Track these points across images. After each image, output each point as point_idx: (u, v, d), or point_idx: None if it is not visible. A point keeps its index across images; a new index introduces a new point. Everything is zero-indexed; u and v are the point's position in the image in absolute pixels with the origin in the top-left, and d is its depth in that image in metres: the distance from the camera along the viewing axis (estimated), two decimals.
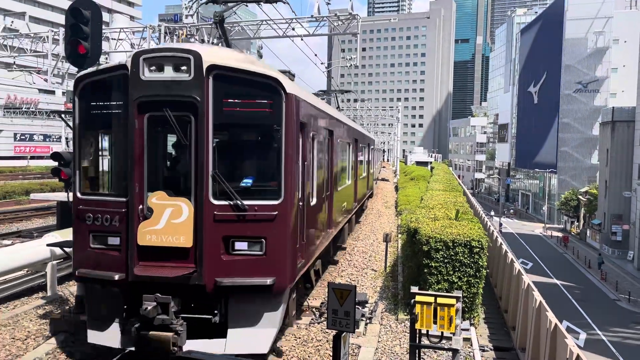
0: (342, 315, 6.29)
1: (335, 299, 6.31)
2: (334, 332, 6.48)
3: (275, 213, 7.94)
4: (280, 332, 10.56)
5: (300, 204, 9.17)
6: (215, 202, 7.82)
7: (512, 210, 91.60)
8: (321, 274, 13.88)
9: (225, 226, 7.79)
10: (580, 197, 68.15)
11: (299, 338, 10.45)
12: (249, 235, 7.92)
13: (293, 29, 21.95)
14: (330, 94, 23.84)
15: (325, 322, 11.05)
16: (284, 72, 9.62)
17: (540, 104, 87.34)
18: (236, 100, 7.88)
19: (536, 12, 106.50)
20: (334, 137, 13.02)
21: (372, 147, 28.68)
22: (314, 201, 10.77)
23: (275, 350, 9.09)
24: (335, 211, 13.64)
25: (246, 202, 7.80)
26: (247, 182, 8.21)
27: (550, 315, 9.27)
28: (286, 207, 8.11)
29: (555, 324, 8.86)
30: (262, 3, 11.65)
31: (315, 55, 27.20)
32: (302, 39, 22.82)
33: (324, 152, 12.11)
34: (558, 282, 43.75)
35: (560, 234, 66.99)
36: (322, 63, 30.55)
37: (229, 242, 7.89)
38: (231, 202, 7.82)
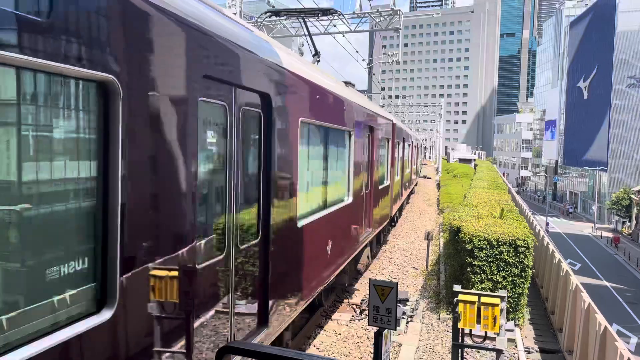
0: (384, 312, 6.26)
1: (376, 295, 6.28)
2: (375, 329, 6.46)
3: None
4: (320, 328, 10.62)
5: None
6: None
7: (570, 210, 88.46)
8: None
9: None
10: (632, 196, 65.44)
11: (340, 334, 10.47)
12: None
13: (335, 25, 21.91)
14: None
15: (365, 319, 11.04)
16: None
17: (590, 99, 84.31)
18: None
19: (586, 5, 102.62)
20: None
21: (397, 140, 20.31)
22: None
23: None
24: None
25: None
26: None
27: (600, 317, 8.97)
28: None
29: (605, 327, 8.56)
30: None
31: (357, 51, 27.10)
32: (343, 36, 22.79)
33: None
34: (608, 284, 42.17)
35: (610, 235, 64.55)
36: (363, 59, 30.39)
37: None
38: None
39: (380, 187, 14.50)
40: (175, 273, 3.88)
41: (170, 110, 3.64)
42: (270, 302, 5.74)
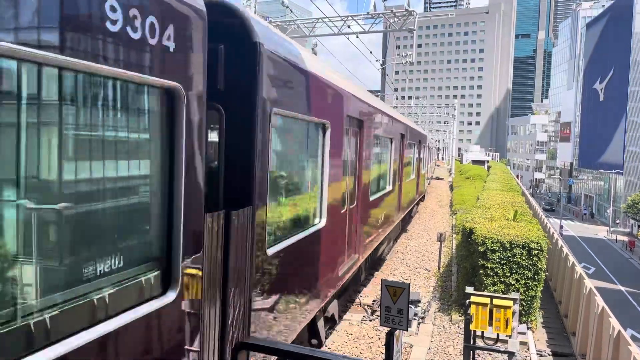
0: (395, 312, 6.27)
1: (388, 296, 6.30)
2: (387, 329, 6.48)
3: None
4: (332, 328, 10.65)
5: None
6: None
7: (585, 212, 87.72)
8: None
9: None
10: None
11: (351, 334, 10.50)
12: None
13: (349, 26, 21.89)
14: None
15: (376, 320, 11.06)
16: None
17: (606, 101, 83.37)
18: None
19: (603, 6, 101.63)
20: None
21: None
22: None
23: None
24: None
25: None
26: None
27: (614, 321, 8.90)
28: None
29: (619, 331, 8.50)
30: None
31: (371, 52, 27.07)
32: (357, 37, 22.76)
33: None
34: (622, 288, 41.70)
35: (626, 238, 63.72)
36: (377, 60, 30.36)
37: None
38: None
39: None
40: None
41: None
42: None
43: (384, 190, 13.10)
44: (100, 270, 2.94)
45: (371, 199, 10.79)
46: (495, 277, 11.27)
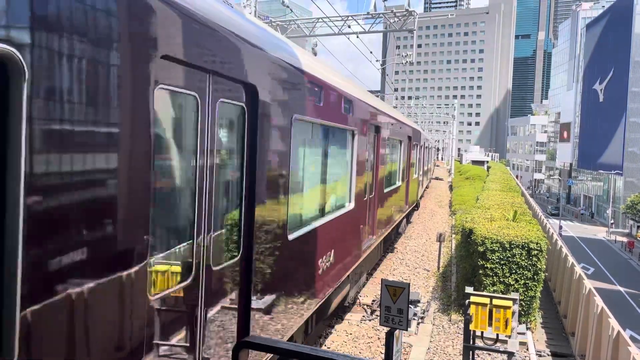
0: (395, 312, 6.28)
1: (388, 295, 6.31)
2: (386, 329, 6.49)
3: None
4: (331, 328, 10.66)
5: None
6: None
7: (583, 212, 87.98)
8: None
9: None
10: None
11: (350, 334, 10.51)
12: None
13: (349, 26, 21.89)
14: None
15: (376, 320, 11.07)
16: None
17: (606, 102, 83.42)
18: None
19: (603, 6, 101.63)
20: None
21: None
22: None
23: None
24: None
25: None
26: None
27: (613, 322, 8.91)
28: None
29: (618, 332, 8.51)
30: None
31: (371, 52, 27.08)
32: (357, 37, 22.77)
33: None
34: (621, 289, 41.73)
35: (625, 239, 63.79)
36: (377, 60, 30.37)
37: None
38: None
39: None
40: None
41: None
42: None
43: (341, 210, 8.49)
44: None
45: (306, 230, 6.44)
46: (494, 277, 11.28)
